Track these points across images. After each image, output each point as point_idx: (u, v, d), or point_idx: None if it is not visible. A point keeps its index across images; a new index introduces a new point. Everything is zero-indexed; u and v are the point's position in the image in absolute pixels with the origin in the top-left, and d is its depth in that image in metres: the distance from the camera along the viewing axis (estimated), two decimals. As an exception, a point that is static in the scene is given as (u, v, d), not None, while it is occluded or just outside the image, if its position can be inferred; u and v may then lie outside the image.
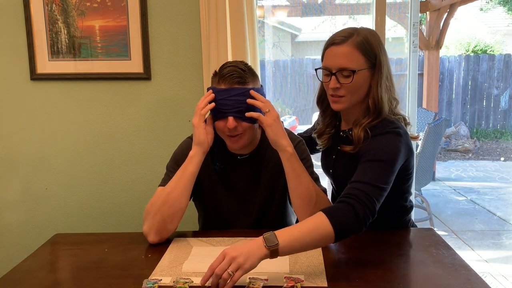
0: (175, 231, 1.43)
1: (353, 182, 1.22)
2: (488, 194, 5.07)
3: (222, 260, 1.07)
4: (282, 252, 1.10)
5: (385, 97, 1.32)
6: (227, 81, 1.34)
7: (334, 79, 1.30)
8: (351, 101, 1.33)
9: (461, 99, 8.37)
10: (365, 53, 1.29)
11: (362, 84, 1.32)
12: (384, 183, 1.22)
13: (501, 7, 10.75)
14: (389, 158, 1.25)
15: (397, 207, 1.46)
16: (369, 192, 1.19)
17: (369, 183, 1.20)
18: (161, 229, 1.38)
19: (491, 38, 10.52)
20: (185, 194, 1.39)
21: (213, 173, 1.50)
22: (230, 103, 1.33)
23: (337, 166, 1.45)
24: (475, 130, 8.32)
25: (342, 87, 1.30)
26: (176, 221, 1.40)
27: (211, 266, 1.07)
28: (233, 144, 1.41)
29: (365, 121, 1.32)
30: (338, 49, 1.30)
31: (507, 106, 8.32)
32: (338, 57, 1.29)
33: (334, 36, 1.33)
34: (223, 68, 1.37)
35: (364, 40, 1.29)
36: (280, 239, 1.09)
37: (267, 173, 1.49)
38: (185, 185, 1.38)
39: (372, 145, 1.28)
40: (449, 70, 8.33)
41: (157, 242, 1.39)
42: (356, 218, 1.15)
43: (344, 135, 1.43)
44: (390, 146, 1.27)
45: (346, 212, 1.16)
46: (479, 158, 7.04)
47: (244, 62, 1.41)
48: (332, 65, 1.31)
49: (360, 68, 1.29)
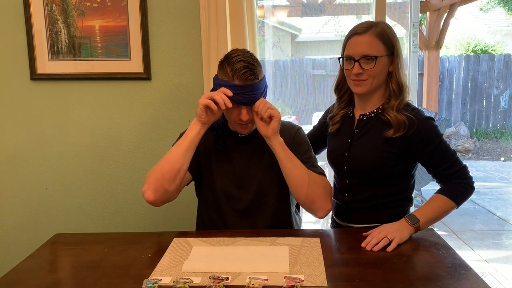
0: (172, 197, 1.46)
1: (444, 169, 1.45)
2: (488, 194, 5.07)
3: (379, 232, 1.34)
4: (422, 227, 1.39)
5: (406, 80, 1.48)
6: (242, 78, 1.40)
7: (358, 66, 1.43)
8: (373, 84, 1.46)
9: (461, 99, 8.37)
10: (384, 42, 1.44)
11: (382, 69, 1.46)
12: (454, 152, 1.47)
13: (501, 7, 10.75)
14: (440, 133, 1.47)
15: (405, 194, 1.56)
16: (458, 167, 1.46)
17: (452, 162, 1.45)
18: (158, 186, 1.43)
19: (491, 38, 10.52)
20: (185, 156, 1.44)
21: (214, 151, 1.56)
22: (245, 99, 1.41)
23: (354, 149, 1.53)
24: (475, 130, 8.32)
25: (364, 72, 1.44)
26: (174, 182, 1.44)
27: (370, 234, 1.35)
28: (242, 130, 1.51)
29: (395, 103, 1.46)
30: (360, 38, 1.44)
31: (507, 106, 8.32)
32: (361, 45, 1.43)
33: (356, 28, 1.47)
34: (234, 62, 1.41)
35: (383, 31, 1.44)
36: (420, 218, 1.38)
37: (266, 152, 1.52)
38: (185, 148, 1.44)
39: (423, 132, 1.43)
40: (449, 70, 8.33)
41: (152, 200, 1.44)
42: (465, 187, 1.45)
43: (365, 118, 1.53)
44: (433, 125, 1.46)
45: (458, 187, 1.45)
46: (479, 158, 7.04)
47: (250, 53, 1.47)
48: (355, 53, 1.44)
49: (381, 55, 1.43)
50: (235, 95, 1.40)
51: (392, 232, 1.35)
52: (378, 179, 1.51)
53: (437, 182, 1.51)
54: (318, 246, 1.34)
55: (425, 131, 1.44)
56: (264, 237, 1.40)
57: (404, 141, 1.44)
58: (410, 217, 1.39)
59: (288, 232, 1.51)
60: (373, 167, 1.49)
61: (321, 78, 7.61)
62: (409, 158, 1.49)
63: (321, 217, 1.50)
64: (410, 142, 1.44)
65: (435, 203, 1.44)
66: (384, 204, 1.53)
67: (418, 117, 1.44)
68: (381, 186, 1.52)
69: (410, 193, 1.58)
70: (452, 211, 1.46)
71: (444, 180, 1.47)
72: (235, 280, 1.13)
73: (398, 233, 1.35)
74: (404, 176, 1.53)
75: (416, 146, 1.44)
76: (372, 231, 1.38)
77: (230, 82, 1.41)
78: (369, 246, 1.32)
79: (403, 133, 1.43)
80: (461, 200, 1.45)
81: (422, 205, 1.46)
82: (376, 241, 1.33)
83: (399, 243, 1.33)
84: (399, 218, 1.42)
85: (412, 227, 1.38)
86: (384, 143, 1.46)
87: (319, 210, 1.48)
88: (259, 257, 1.27)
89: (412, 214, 1.40)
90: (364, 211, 1.55)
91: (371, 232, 1.38)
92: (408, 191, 1.57)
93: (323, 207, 1.48)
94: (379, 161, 1.47)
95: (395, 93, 1.47)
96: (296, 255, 1.27)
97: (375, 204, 1.53)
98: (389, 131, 1.45)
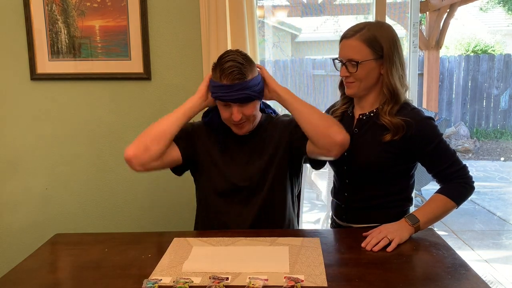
0: (152, 163, 1.45)
1: (444, 169, 1.45)
2: (488, 194, 5.07)
3: (379, 232, 1.34)
4: (422, 227, 1.39)
5: (398, 84, 1.46)
6: (229, 78, 1.41)
7: (344, 68, 1.47)
8: (360, 87, 1.47)
9: (461, 99, 8.37)
10: (371, 46, 1.43)
11: (369, 72, 1.45)
12: (454, 152, 1.47)
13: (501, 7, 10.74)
14: (440, 133, 1.47)
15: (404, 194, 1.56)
16: (458, 167, 1.46)
17: (452, 162, 1.45)
18: (141, 142, 1.45)
19: (491, 38, 10.51)
20: (174, 123, 1.48)
21: (214, 150, 1.57)
22: (233, 97, 1.42)
23: (354, 148, 1.52)
24: (475, 130, 8.31)
25: (351, 75, 1.46)
26: (157, 143, 1.45)
27: (370, 234, 1.35)
28: (238, 130, 1.51)
29: (387, 108, 1.45)
30: (347, 42, 1.46)
31: (507, 106, 8.31)
32: (346, 49, 1.46)
33: (347, 31, 1.48)
34: (223, 62, 1.43)
35: (371, 35, 1.43)
36: (420, 217, 1.38)
37: (267, 149, 1.54)
38: (176, 116, 1.48)
39: (422, 132, 1.43)
40: (449, 70, 8.32)
41: (131, 155, 1.43)
42: (465, 186, 1.45)
43: (364, 118, 1.53)
44: (432, 125, 1.46)
45: (458, 186, 1.45)
46: (479, 158, 7.04)
47: (242, 53, 1.47)
48: (342, 56, 1.48)
49: (364, 59, 1.43)
50: (224, 94, 1.42)
51: (392, 232, 1.35)
52: (378, 179, 1.51)
53: (437, 182, 1.51)
54: (318, 246, 1.34)
55: (424, 131, 1.44)
56: (264, 237, 1.40)
57: (404, 141, 1.44)
58: (410, 217, 1.40)
59: (288, 232, 1.51)
60: (373, 166, 1.49)
61: (321, 78, 7.61)
62: (409, 158, 1.49)
63: (340, 140, 1.40)
64: (410, 142, 1.44)
65: (435, 203, 1.45)
66: (384, 204, 1.53)
67: (417, 117, 1.44)
68: (381, 186, 1.52)
69: (410, 193, 1.58)
70: (452, 211, 1.46)
71: (444, 180, 1.47)
72: (235, 280, 1.13)
73: (398, 233, 1.35)
74: (404, 176, 1.53)
75: (416, 146, 1.44)
76: (372, 231, 1.38)
77: (218, 82, 1.44)
78: (369, 246, 1.32)
79: (402, 135, 1.43)
80: (461, 200, 1.45)
81: (422, 205, 1.46)
82: (376, 241, 1.33)
83: (399, 243, 1.33)
84: (399, 218, 1.42)
85: (412, 227, 1.38)
86: (383, 143, 1.46)
87: (337, 134, 1.40)
88: (259, 257, 1.27)
89: (412, 214, 1.41)
90: (364, 211, 1.55)
91: (371, 232, 1.38)
92: (408, 191, 1.57)
93: (341, 131, 1.41)
94: (379, 160, 1.48)
95: (386, 98, 1.47)
96: (296, 255, 1.27)
97: (375, 204, 1.53)
98: (387, 135, 1.44)
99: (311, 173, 3.88)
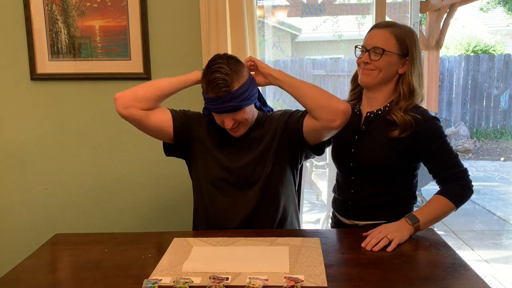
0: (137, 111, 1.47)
1: (445, 170, 1.47)
2: (488, 194, 5.07)
3: (379, 232, 1.35)
4: (422, 227, 1.40)
5: (417, 86, 1.50)
6: (214, 91, 1.42)
7: (366, 55, 1.50)
8: (378, 76, 1.49)
9: (461, 99, 8.37)
10: (399, 41, 1.48)
11: (389, 65, 1.48)
12: (457, 155, 1.49)
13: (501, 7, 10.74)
14: (444, 134, 1.49)
15: (410, 192, 1.59)
16: (459, 169, 1.47)
17: (454, 164, 1.47)
18: (132, 90, 1.49)
19: (491, 38, 10.51)
20: (170, 85, 1.52)
21: (211, 140, 1.58)
22: (221, 108, 1.43)
23: (361, 145, 1.54)
24: (475, 130, 8.31)
25: (371, 63, 1.49)
26: (145, 90, 1.49)
27: (370, 234, 1.36)
28: (233, 134, 1.53)
29: (403, 104, 1.48)
30: (378, 31, 1.51)
31: (507, 106, 8.31)
32: (375, 37, 1.50)
33: (379, 22, 1.58)
34: (208, 73, 1.42)
35: (402, 33, 1.49)
36: (420, 218, 1.39)
37: (263, 141, 1.54)
38: (173, 81, 1.53)
39: (428, 130, 1.46)
40: (449, 70, 8.33)
41: (118, 96, 1.49)
42: (464, 189, 1.46)
43: (372, 115, 1.55)
44: (438, 125, 1.49)
45: (457, 188, 1.46)
46: (479, 158, 7.04)
47: (229, 59, 1.44)
48: (368, 43, 1.51)
49: (390, 50, 1.47)
50: (212, 106, 1.44)
51: (392, 232, 1.35)
52: (383, 176, 1.53)
53: (437, 183, 1.51)
54: (318, 246, 1.34)
55: (429, 129, 1.46)
56: (264, 237, 1.40)
57: (410, 139, 1.46)
58: (410, 217, 1.40)
59: (288, 232, 1.51)
60: (380, 164, 1.51)
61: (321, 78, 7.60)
62: (413, 156, 1.50)
63: (344, 107, 1.39)
64: (415, 139, 1.46)
65: (435, 204, 1.45)
66: (389, 201, 1.54)
67: (424, 116, 1.46)
68: (387, 183, 1.53)
69: (414, 191, 1.60)
70: (451, 213, 1.47)
71: (444, 181, 1.48)
72: (235, 280, 1.13)
73: (398, 233, 1.35)
74: (408, 174, 1.55)
75: (421, 144, 1.46)
76: (372, 231, 1.38)
77: (206, 94, 1.46)
78: (369, 246, 1.32)
79: (410, 133, 1.45)
80: (460, 202, 1.46)
81: (422, 206, 1.47)
82: (376, 241, 1.33)
83: (399, 243, 1.34)
84: (404, 215, 1.43)
85: (412, 227, 1.39)
86: (391, 140, 1.48)
87: (339, 103, 1.40)
88: (259, 257, 1.27)
89: (412, 214, 1.42)
90: (370, 208, 1.56)
91: (371, 232, 1.38)
92: (412, 189, 1.59)
93: (342, 101, 1.43)
94: (386, 158, 1.49)
95: (405, 95, 1.49)
96: (296, 255, 1.27)
97: (381, 201, 1.54)
98: (395, 131, 1.46)
99: (311, 173, 3.89)
